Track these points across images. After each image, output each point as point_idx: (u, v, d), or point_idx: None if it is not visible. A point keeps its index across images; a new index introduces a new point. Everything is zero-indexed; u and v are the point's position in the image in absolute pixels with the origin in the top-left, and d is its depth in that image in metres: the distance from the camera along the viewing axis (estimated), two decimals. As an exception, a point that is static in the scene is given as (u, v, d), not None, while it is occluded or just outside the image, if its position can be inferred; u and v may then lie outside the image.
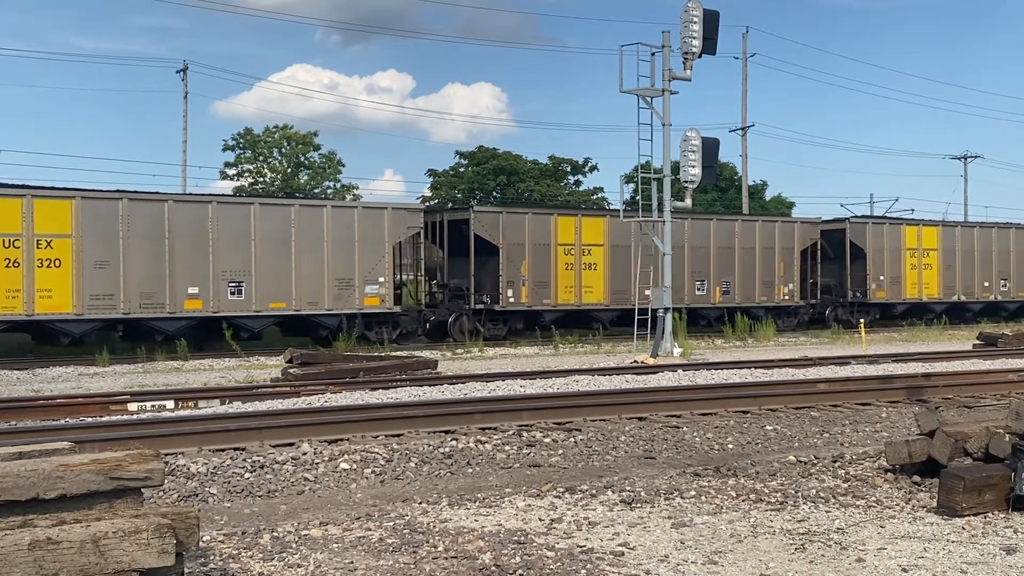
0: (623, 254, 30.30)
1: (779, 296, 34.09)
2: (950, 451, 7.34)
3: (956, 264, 38.32)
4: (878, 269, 36.46)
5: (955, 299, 38.27)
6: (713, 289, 32.72)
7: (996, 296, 39.44)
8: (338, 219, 26.85)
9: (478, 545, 5.99)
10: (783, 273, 34.22)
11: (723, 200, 61.59)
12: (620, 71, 22.56)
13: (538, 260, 29.63)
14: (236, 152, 56.36)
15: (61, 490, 4.45)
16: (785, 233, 34.67)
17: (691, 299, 32.16)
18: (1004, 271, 39.75)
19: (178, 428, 10.37)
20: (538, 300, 29.66)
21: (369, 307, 27.15)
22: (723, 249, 33.00)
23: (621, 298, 30.48)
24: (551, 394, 13.61)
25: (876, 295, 36.44)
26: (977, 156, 69.64)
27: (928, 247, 37.90)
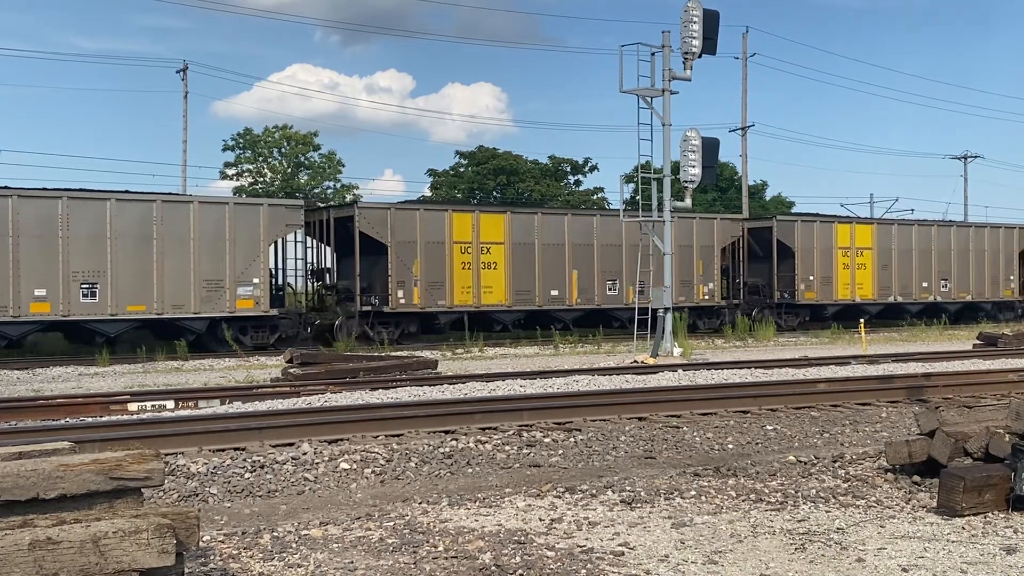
0: (526, 252, 29.39)
1: (698, 296, 32.63)
2: (950, 451, 7.34)
3: (892, 264, 36.94)
4: (807, 269, 34.93)
5: (891, 300, 36.91)
6: (625, 289, 30.98)
7: (936, 297, 37.90)
8: (207, 216, 25.16)
9: (478, 545, 5.99)
10: (702, 272, 32.73)
11: (723, 200, 61.60)
12: (620, 71, 22.59)
13: (432, 259, 28.13)
14: (236, 152, 56.40)
15: (61, 490, 4.45)
16: (704, 230, 33.15)
17: (602, 300, 30.82)
18: (945, 271, 38.27)
19: (178, 428, 10.36)
20: (432, 301, 28.18)
21: (242, 310, 25.40)
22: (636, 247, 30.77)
23: (525, 299, 29.41)
24: (551, 394, 13.61)
25: (805, 296, 34.86)
26: (977, 156, 69.73)
27: (862, 246, 36.36)
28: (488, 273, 29.10)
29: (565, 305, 30.26)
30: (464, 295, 28.70)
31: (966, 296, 38.72)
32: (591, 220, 31.15)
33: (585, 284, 30.49)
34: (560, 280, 30.10)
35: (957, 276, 38.48)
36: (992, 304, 39.55)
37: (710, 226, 33.55)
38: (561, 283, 30.12)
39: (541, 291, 29.66)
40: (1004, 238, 40.21)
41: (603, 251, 30.94)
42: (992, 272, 39.55)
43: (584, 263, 30.51)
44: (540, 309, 29.85)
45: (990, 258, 39.59)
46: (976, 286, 39.04)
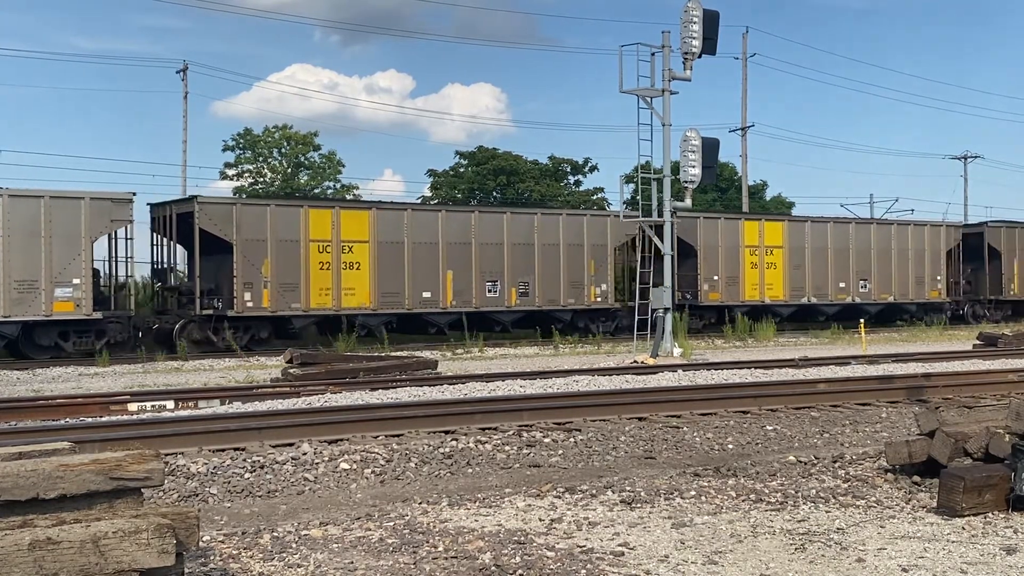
0: (394, 252, 27.72)
1: (590, 298, 30.76)
2: (950, 451, 7.34)
3: (805, 263, 35.13)
4: (711, 268, 33.17)
5: (804, 301, 35.13)
6: (508, 291, 29.37)
7: (854, 298, 36.12)
8: (18, 210, 23.14)
9: (478, 545, 5.99)
10: (594, 273, 30.78)
11: (723, 200, 61.60)
12: (620, 71, 22.61)
13: (284, 259, 26.19)
14: (236, 152, 56.40)
15: (61, 490, 4.45)
16: (596, 228, 31.21)
17: (480, 302, 28.97)
18: (864, 270, 36.48)
19: (178, 428, 10.36)
20: (285, 304, 26.18)
21: (61, 313, 23.29)
22: (520, 246, 29.59)
23: (392, 301, 27.71)
24: (551, 394, 13.62)
25: (708, 297, 33.12)
26: (977, 156, 69.70)
27: (772, 244, 34.50)
28: (350, 274, 27.22)
29: (439, 308, 28.42)
30: (322, 297, 26.82)
31: (888, 297, 36.93)
32: (469, 217, 29.37)
33: (459, 286, 28.70)
34: (433, 281, 28.29)
35: (878, 276, 36.70)
36: (917, 306, 37.70)
37: (603, 223, 31.54)
38: (434, 284, 28.32)
39: (411, 293, 27.90)
40: (930, 236, 38.42)
41: (483, 250, 29.12)
42: (917, 272, 37.70)
43: (461, 263, 28.72)
44: (410, 312, 28.10)
45: (915, 257, 37.72)
46: (899, 287, 37.26)
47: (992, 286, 40.20)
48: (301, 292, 26.47)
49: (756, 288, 33.92)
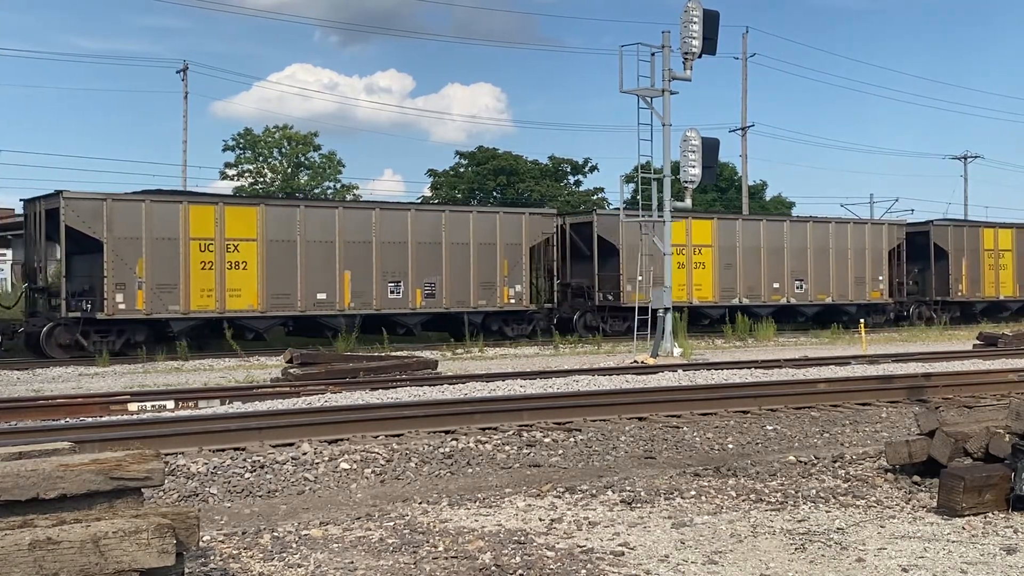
0: (286, 250, 26.12)
1: (503, 300, 29.24)
2: (950, 451, 7.34)
3: (737, 263, 33.52)
4: (634, 268, 29.68)
5: (735, 302, 33.37)
6: (412, 292, 27.95)
7: (789, 299, 34.51)
8: None
9: (478, 545, 5.99)
10: (507, 273, 29.20)
11: (723, 200, 61.63)
12: (620, 71, 22.60)
13: (161, 258, 24.47)
14: (236, 152, 56.44)
15: (61, 490, 4.45)
16: (510, 227, 29.56)
17: (382, 303, 27.44)
18: (800, 271, 34.80)
19: (178, 428, 10.36)
20: (162, 306, 24.45)
21: None
22: (426, 245, 28.12)
23: (284, 303, 26.08)
24: (551, 394, 13.61)
25: (631, 298, 30.10)
26: (977, 156, 69.78)
27: (701, 243, 32.93)
28: (236, 274, 25.44)
29: (335, 310, 26.81)
30: (204, 299, 25.04)
31: (826, 298, 35.37)
32: (369, 214, 27.77)
33: (358, 287, 27.16)
34: (329, 282, 26.73)
35: (815, 276, 35.10)
36: (857, 307, 35.83)
37: (517, 221, 29.88)
38: (331, 285, 26.77)
39: (305, 294, 26.33)
40: (871, 235, 36.79)
41: (385, 249, 27.53)
42: (857, 272, 36.12)
43: (361, 263, 27.21)
44: (303, 315, 26.52)
45: (855, 257, 36.09)
46: (838, 287, 35.69)
47: (939, 287, 38.89)
48: (180, 293, 24.77)
49: (683, 289, 32.15)
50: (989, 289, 39.70)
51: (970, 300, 39.14)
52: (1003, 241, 40.24)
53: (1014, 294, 40.51)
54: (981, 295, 39.51)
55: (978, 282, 39.31)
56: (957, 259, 38.70)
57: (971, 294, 39.19)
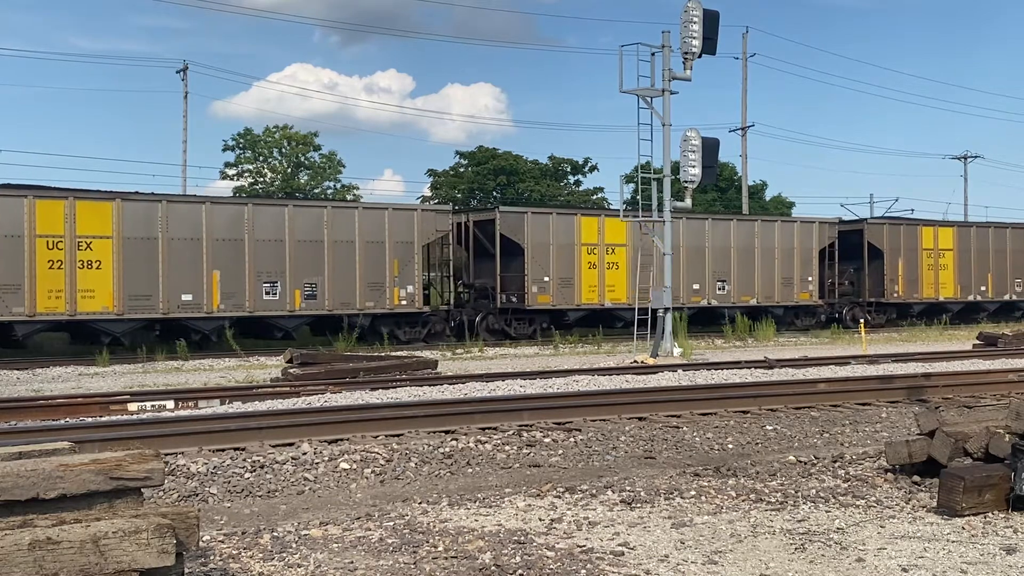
0: (146, 249, 24.46)
1: (393, 301, 27.72)
2: (950, 451, 7.34)
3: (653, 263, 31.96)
4: (541, 269, 29.83)
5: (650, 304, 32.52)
6: (290, 293, 26.29)
7: (710, 300, 33.10)
8: None
9: (478, 545, 5.99)
10: (398, 273, 27.72)
11: (723, 200, 61.63)
12: (620, 71, 22.61)
13: (3, 257, 23.00)
14: (236, 152, 56.45)
15: (61, 490, 4.45)
16: (401, 224, 27.95)
17: (255, 305, 25.85)
18: (722, 271, 33.26)
19: (178, 428, 10.37)
20: (4, 308, 23.00)
21: None
22: (306, 243, 26.57)
23: (143, 305, 24.48)
24: (551, 394, 13.62)
25: (538, 300, 29.82)
26: (977, 156, 69.74)
27: (614, 242, 31.08)
28: (89, 274, 23.86)
29: (202, 312, 25.25)
30: (52, 300, 23.45)
31: (750, 300, 33.75)
32: (241, 211, 26.13)
33: (231, 288, 25.57)
34: (195, 282, 25.12)
35: (739, 277, 33.50)
36: (785, 309, 34.38)
37: (408, 218, 28.31)
38: (197, 285, 25.14)
39: (167, 296, 24.71)
40: (801, 234, 35.10)
41: (259, 247, 25.92)
42: (785, 272, 34.51)
43: (231, 261, 25.59)
44: (166, 317, 24.95)
45: (782, 257, 34.49)
46: (763, 288, 34.08)
47: (873, 288, 37.16)
48: (25, 295, 23.11)
49: (594, 290, 30.68)
50: (928, 290, 37.92)
51: (907, 302, 37.40)
52: (944, 240, 38.50)
53: (955, 295, 38.66)
54: (919, 296, 37.70)
55: (916, 283, 37.60)
56: (893, 259, 36.97)
57: (908, 295, 37.41)
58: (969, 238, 39.20)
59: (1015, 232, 40.73)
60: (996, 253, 39.66)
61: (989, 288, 39.48)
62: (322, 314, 26.86)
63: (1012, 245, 40.17)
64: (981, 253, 39.27)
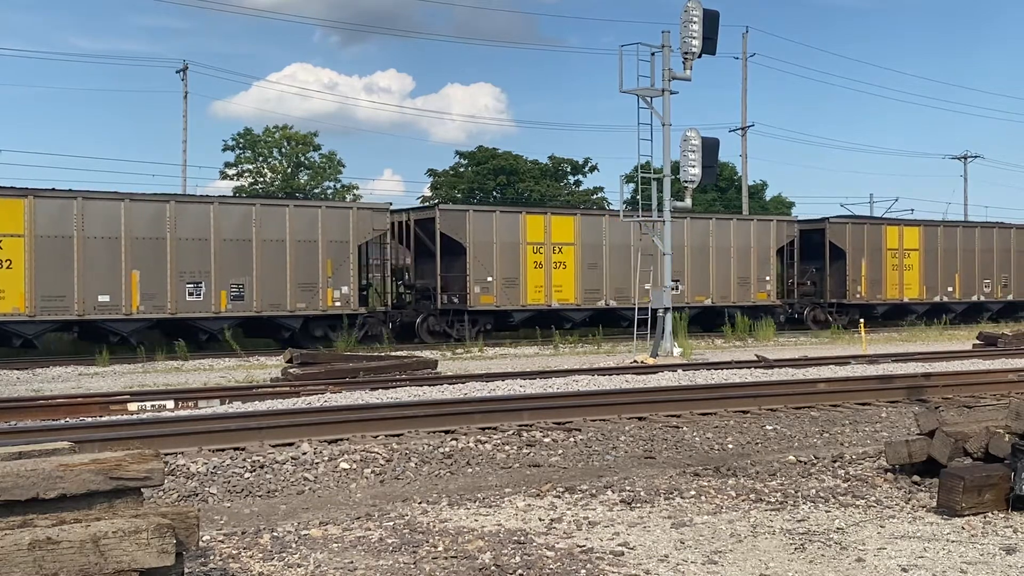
0: (61, 248, 23.55)
1: (327, 302, 26.73)
2: (950, 451, 7.34)
3: (603, 262, 30.84)
4: (484, 268, 28.88)
5: (601, 305, 30.87)
6: (216, 294, 25.31)
7: None
8: None
9: (478, 545, 5.99)
10: (332, 274, 26.74)
11: (723, 200, 61.65)
12: (620, 71, 22.61)
13: None
14: (236, 152, 56.44)
15: (61, 490, 4.45)
16: (335, 223, 26.97)
17: (178, 307, 24.87)
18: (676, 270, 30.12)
19: (178, 428, 10.37)
20: None
21: None
22: (233, 242, 25.51)
23: (56, 306, 23.49)
24: (551, 394, 13.61)
25: (480, 301, 28.88)
26: (977, 156, 69.75)
27: (561, 241, 30.18)
28: None
29: (121, 314, 24.26)
30: None
31: (704, 300, 32.88)
32: (163, 208, 24.92)
33: (152, 290, 24.61)
34: (113, 282, 24.17)
35: (693, 277, 32.61)
36: (742, 309, 33.01)
37: (343, 216, 27.32)
38: (115, 286, 24.20)
39: (83, 296, 23.79)
40: (758, 233, 34.06)
41: (182, 246, 24.91)
42: (741, 272, 33.60)
43: (152, 261, 24.61)
44: (82, 319, 23.96)
45: (738, 256, 33.50)
46: (719, 288, 33.25)
47: (835, 288, 36.19)
48: None
49: (541, 290, 29.77)
50: (892, 291, 36.92)
51: (870, 303, 36.28)
52: (909, 240, 37.56)
53: (920, 296, 37.54)
54: (882, 297, 36.71)
55: (879, 283, 36.60)
56: (856, 259, 35.99)
57: (871, 296, 36.39)
58: (936, 238, 38.31)
59: (984, 232, 39.93)
60: (964, 253, 38.79)
61: (956, 289, 38.60)
62: (250, 316, 25.89)
63: (981, 245, 39.32)
64: (948, 253, 38.38)
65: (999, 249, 39.82)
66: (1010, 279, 40.12)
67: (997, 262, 39.72)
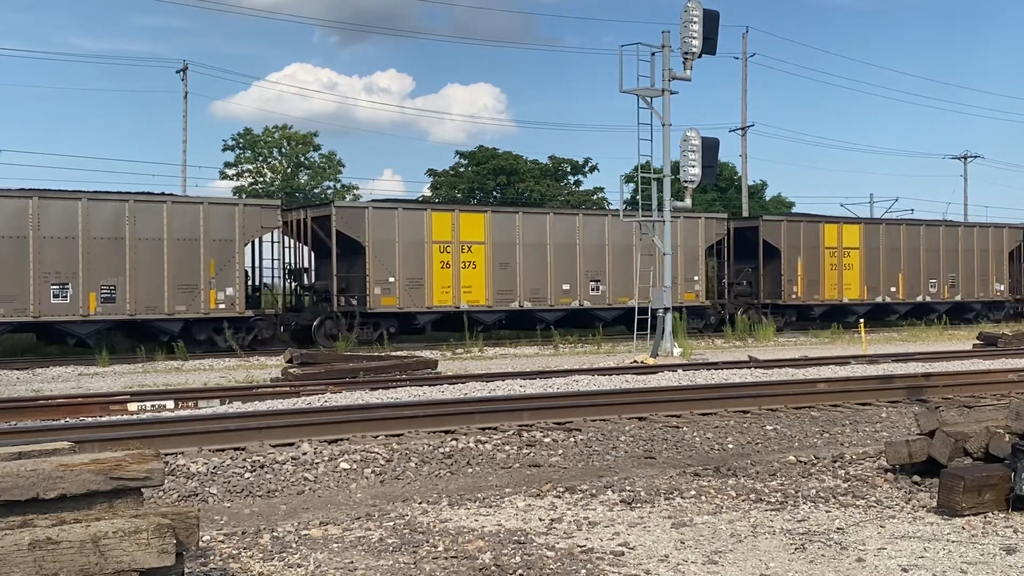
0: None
1: (210, 305, 25.10)
2: (950, 451, 7.34)
3: (516, 262, 29.37)
4: (385, 268, 27.49)
5: (515, 306, 29.43)
6: (84, 296, 23.87)
7: (583, 302, 30.62)
8: None
9: (478, 545, 5.99)
10: (215, 275, 25.20)
11: (723, 200, 61.64)
12: (620, 71, 22.61)
13: None
14: (236, 152, 56.45)
15: (61, 490, 4.45)
16: (220, 220, 25.36)
17: (41, 309, 23.32)
18: (596, 270, 30.74)
19: (178, 428, 10.37)
20: None
21: None
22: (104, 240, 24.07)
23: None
24: (551, 394, 13.61)
25: (381, 302, 27.45)
26: (977, 156, 69.76)
27: (471, 240, 28.76)
28: None
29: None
30: None
31: (627, 300, 30.01)
32: (24, 204, 23.41)
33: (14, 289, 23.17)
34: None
35: (615, 277, 31.00)
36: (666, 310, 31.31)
37: (229, 213, 25.59)
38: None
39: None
40: (684, 231, 31.97)
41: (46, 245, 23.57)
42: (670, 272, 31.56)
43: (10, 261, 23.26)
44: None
45: None
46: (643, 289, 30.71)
47: (770, 288, 34.59)
48: None
49: (448, 291, 28.41)
50: (831, 291, 35.40)
51: (807, 303, 34.91)
52: (849, 238, 36.01)
53: (861, 297, 36.11)
54: (820, 298, 35.19)
55: (817, 283, 35.11)
56: (792, 258, 34.50)
57: (808, 297, 34.88)
58: (878, 236, 36.85)
59: (929, 230, 38.46)
60: (909, 252, 37.30)
61: (900, 289, 37.13)
62: (123, 319, 24.42)
63: (927, 244, 37.87)
64: (891, 252, 36.95)
65: (946, 248, 38.27)
66: (958, 279, 38.62)
67: (944, 262, 38.17)
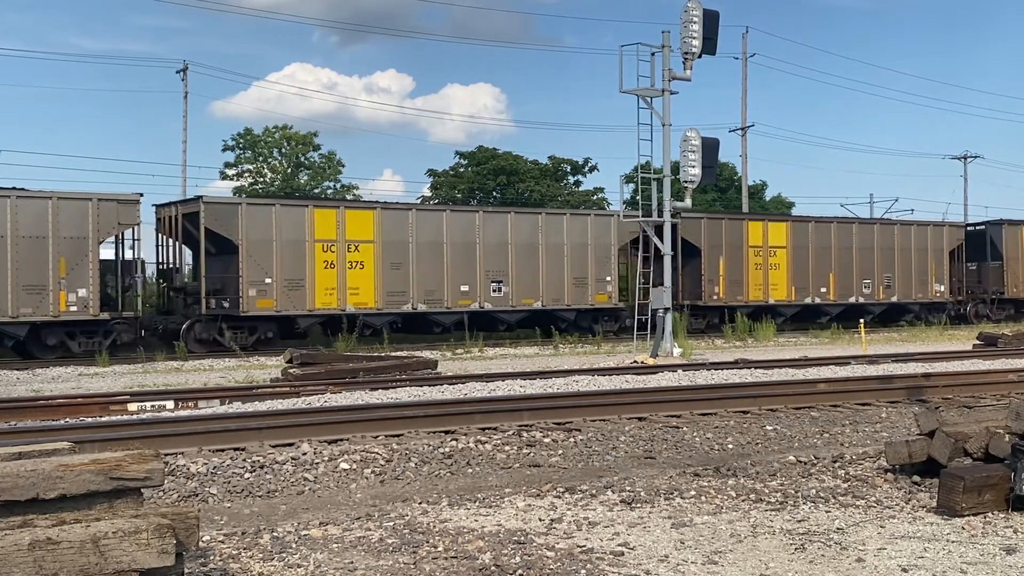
0: None
1: (60, 307, 23.36)
2: (950, 451, 7.34)
3: (409, 262, 27.86)
4: (261, 269, 25.81)
5: (408, 308, 27.94)
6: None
7: (483, 303, 28.91)
8: None
9: (478, 545, 5.99)
10: (66, 275, 23.42)
11: (723, 200, 61.64)
12: (620, 71, 22.61)
13: None
14: (236, 152, 56.42)
15: (61, 490, 4.45)
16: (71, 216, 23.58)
17: None
18: (498, 270, 29.18)
19: (178, 428, 10.37)
20: None
21: None
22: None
23: None
24: (551, 394, 13.61)
25: (257, 304, 25.74)
26: (977, 156, 69.70)
27: (358, 239, 27.26)
28: None
29: None
30: None
31: (533, 303, 29.78)
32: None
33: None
34: None
35: (519, 277, 29.51)
36: (577, 312, 30.60)
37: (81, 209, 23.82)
38: None
39: None
40: (595, 229, 30.84)
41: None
42: (577, 272, 30.61)
43: None
44: None
45: (573, 254, 30.55)
46: (550, 290, 30.15)
47: (690, 289, 33.16)
48: None
49: (332, 293, 26.84)
50: (755, 292, 33.93)
51: (730, 304, 33.23)
52: (775, 237, 34.59)
53: (789, 298, 34.70)
54: (744, 299, 33.65)
55: (740, 283, 33.65)
56: (713, 257, 33.11)
57: (731, 297, 33.40)
58: (807, 234, 35.28)
59: (863, 228, 37.15)
60: (840, 251, 35.83)
61: (831, 290, 35.67)
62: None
63: (860, 243, 36.38)
64: (821, 251, 35.45)
65: (881, 247, 36.85)
66: (893, 279, 37.14)
67: (879, 261, 36.72)
